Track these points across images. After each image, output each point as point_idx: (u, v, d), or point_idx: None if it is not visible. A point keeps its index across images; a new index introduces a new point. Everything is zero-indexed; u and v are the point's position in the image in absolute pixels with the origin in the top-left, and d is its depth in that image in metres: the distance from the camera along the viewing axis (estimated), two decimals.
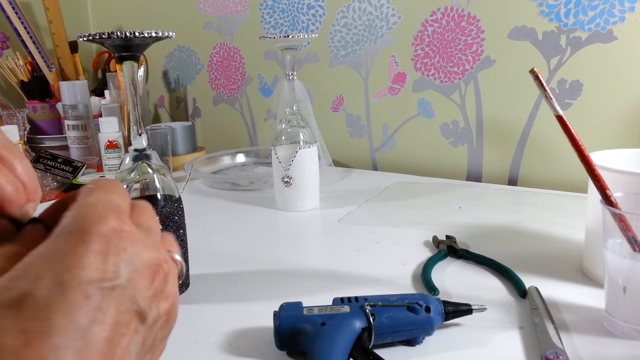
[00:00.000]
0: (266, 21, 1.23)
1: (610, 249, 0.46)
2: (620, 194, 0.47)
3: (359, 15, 1.10)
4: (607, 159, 0.54)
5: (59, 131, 1.31)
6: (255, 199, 0.94)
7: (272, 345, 0.46)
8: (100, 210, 0.23)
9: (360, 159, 1.18)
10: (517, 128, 0.99)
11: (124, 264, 0.22)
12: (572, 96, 0.92)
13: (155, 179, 0.56)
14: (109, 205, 0.24)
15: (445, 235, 0.70)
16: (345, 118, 1.18)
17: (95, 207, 0.23)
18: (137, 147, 0.55)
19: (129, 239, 0.23)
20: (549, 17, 0.91)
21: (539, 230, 0.73)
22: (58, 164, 1.07)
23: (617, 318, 0.47)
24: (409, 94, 1.09)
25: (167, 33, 0.51)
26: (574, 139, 0.47)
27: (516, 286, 0.55)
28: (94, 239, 0.22)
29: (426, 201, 0.88)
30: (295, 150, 0.82)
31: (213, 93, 1.38)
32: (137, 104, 0.55)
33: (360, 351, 0.42)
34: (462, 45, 1.01)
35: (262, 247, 0.72)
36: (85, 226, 0.22)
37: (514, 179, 1.01)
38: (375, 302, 0.46)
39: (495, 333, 0.48)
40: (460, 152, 1.06)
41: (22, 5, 1.36)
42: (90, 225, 0.22)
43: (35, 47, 1.34)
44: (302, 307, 0.46)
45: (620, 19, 0.86)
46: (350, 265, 0.64)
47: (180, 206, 0.57)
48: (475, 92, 1.01)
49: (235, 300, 0.57)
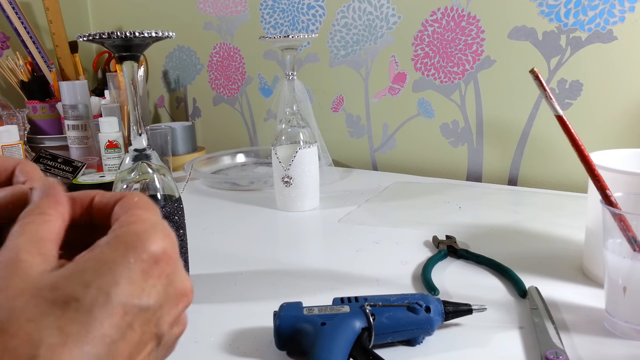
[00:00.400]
0: (266, 21, 1.23)
1: (610, 249, 0.46)
2: (620, 194, 0.47)
3: (359, 15, 1.10)
4: (607, 159, 0.54)
5: (59, 131, 1.31)
6: (255, 199, 0.94)
7: (272, 345, 0.46)
8: (155, 230, 0.24)
9: (360, 159, 1.18)
10: (517, 128, 0.99)
11: (162, 288, 0.23)
12: (572, 96, 0.92)
13: (155, 179, 0.56)
14: (163, 227, 0.24)
15: (445, 235, 0.70)
16: (345, 118, 1.18)
17: (153, 225, 0.24)
18: (137, 147, 0.56)
19: (173, 265, 0.24)
20: (549, 17, 0.91)
21: (539, 230, 0.73)
22: (58, 164, 1.07)
23: (617, 318, 0.47)
24: (409, 94, 1.09)
25: (167, 33, 0.51)
26: (574, 139, 0.47)
27: (516, 286, 0.55)
28: (145, 258, 0.22)
29: (426, 201, 0.88)
30: (295, 150, 0.82)
31: (213, 93, 1.38)
32: (137, 104, 0.55)
33: (360, 351, 0.42)
34: (462, 45, 1.01)
35: (262, 247, 0.72)
36: (139, 243, 0.22)
37: (514, 179, 1.01)
38: (375, 302, 0.46)
39: (495, 333, 0.48)
40: (460, 152, 1.06)
41: (22, 5, 1.36)
42: (145, 243, 0.23)
43: (35, 47, 1.34)
44: (302, 307, 0.46)
45: (620, 19, 0.86)
46: (350, 265, 0.64)
47: (180, 206, 0.57)
48: (475, 92, 1.01)
49: (235, 300, 0.57)
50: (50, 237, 0.23)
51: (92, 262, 0.21)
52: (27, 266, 0.21)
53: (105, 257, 0.22)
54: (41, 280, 0.20)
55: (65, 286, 0.20)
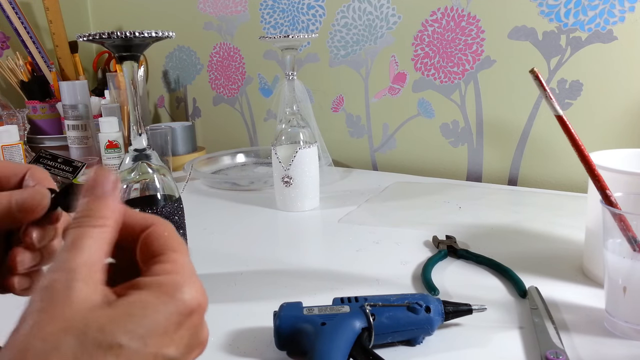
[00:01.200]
0: (266, 21, 1.23)
1: (610, 249, 0.46)
2: (620, 194, 0.47)
3: (359, 15, 1.10)
4: (607, 159, 0.54)
5: (59, 131, 1.31)
6: (255, 199, 0.94)
7: (272, 345, 0.46)
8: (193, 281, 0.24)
9: (360, 159, 1.18)
10: (517, 128, 0.99)
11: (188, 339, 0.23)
12: (572, 96, 0.92)
13: (155, 179, 0.56)
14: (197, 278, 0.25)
15: (445, 235, 0.70)
16: (345, 118, 1.18)
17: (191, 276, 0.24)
18: (137, 147, 0.56)
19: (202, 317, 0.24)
20: (549, 17, 0.91)
21: (539, 230, 0.73)
22: (58, 164, 1.07)
23: (617, 318, 0.47)
24: (409, 94, 1.09)
25: (167, 33, 0.51)
26: (574, 139, 0.47)
27: (516, 286, 0.55)
28: (182, 310, 0.23)
29: (426, 201, 0.88)
30: (295, 150, 0.82)
31: (213, 93, 1.38)
32: (137, 104, 0.55)
33: (360, 351, 0.42)
34: (462, 45, 1.01)
35: (262, 247, 0.72)
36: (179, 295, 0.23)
37: (514, 179, 1.01)
38: (375, 302, 0.46)
39: (495, 333, 0.48)
40: (460, 152, 1.06)
41: (22, 5, 1.36)
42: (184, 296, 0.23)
43: (35, 47, 1.34)
44: (302, 307, 0.46)
45: (620, 19, 0.86)
46: (350, 265, 0.64)
47: (180, 206, 0.57)
48: (475, 92, 1.01)
49: (235, 300, 0.57)
50: (104, 255, 0.23)
51: (137, 310, 0.22)
52: (80, 297, 0.21)
53: (149, 305, 0.22)
54: (90, 318, 0.21)
55: (111, 331, 0.21)
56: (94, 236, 0.23)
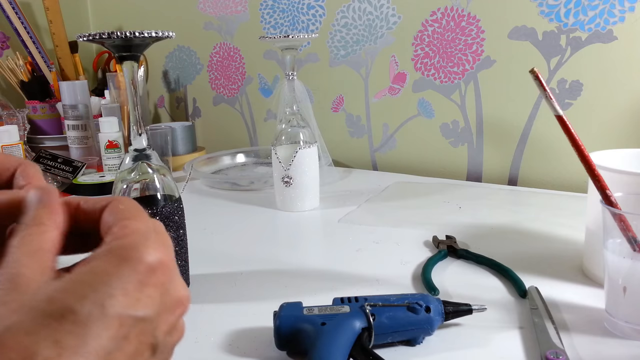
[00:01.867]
0: (266, 21, 1.23)
1: (610, 249, 0.46)
2: (620, 194, 0.47)
3: (359, 15, 1.10)
4: (607, 159, 0.54)
5: (59, 131, 1.31)
6: (255, 199, 0.94)
7: (272, 345, 0.46)
8: (149, 240, 0.24)
9: (360, 159, 1.18)
10: (517, 128, 0.99)
11: (158, 297, 0.23)
12: (572, 96, 0.92)
13: (155, 179, 0.56)
14: (157, 236, 0.24)
15: (445, 235, 0.70)
16: (345, 118, 1.18)
17: (146, 235, 0.24)
18: (137, 147, 0.55)
19: (169, 274, 0.24)
20: (549, 17, 0.91)
21: (539, 230, 0.73)
22: (58, 164, 1.07)
23: (617, 318, 0.47)
24: (409, 94, 1.09)
25: (167, 33, 0.51)
26: (574, 139, 0.47)
27: (516, 286, 0.55)
28: (141, 269, 0.22)
29: (426, 201, 0.88)
30: (295, 150, 0.82)
31: (213, 93, 1.38)
32: (137, 104, 0.55)
33: (360, 351, 0.42)
34: (462, 45, 1.01)
35: (262, 247, 0.72)
36: (135, 255, 0.23)
37: (514, 179, 1.01)
38: (375, 302, 0.46)
39: (495, 333, 0.48)
40: (460, 152, 1.06)
41: (22, 5, 1.36)
42: (141, 255, 0.23)
43: (35, 47, 1.34)
44: (302, 307, 0.46)
45: (620, 19, 0.86)
46: (350, 265, 0.64)
47: (180, 206, 0.57)
48: (475, 92, 1.02)
49: (235, 300, 0.57)
50: (47, 247, 0.23)
51: (88, 275, 0.21)
52: (26, 280, 0.21)
53: (100, 270, 0.22)
54: (38, 293, 0.21)
55: (62, 299, 0.20)
56: (33, 233, 0.23)
